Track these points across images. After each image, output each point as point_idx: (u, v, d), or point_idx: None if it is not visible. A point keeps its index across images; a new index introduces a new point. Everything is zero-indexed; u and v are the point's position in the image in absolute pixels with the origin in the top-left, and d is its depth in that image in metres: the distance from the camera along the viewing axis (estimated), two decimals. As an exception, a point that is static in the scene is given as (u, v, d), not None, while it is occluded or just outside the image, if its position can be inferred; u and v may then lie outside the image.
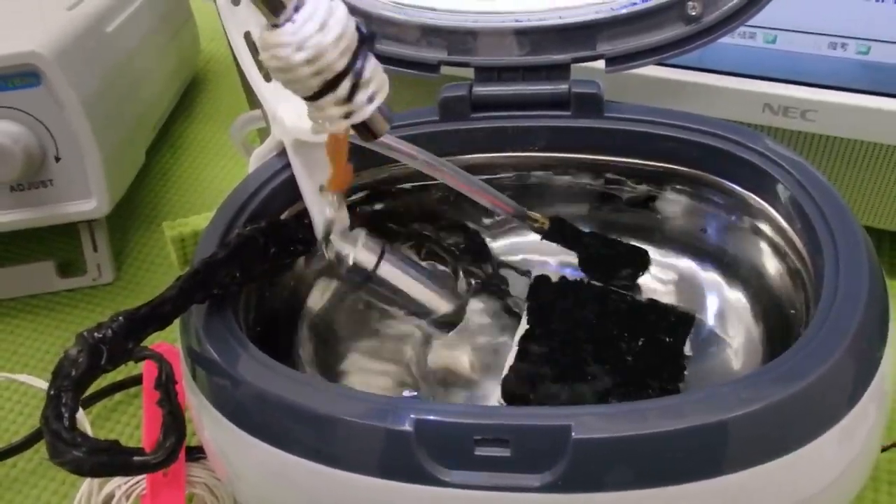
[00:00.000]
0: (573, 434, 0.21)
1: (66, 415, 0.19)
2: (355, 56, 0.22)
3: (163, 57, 0.55)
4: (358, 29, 0.22)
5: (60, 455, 0.18)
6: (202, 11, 0.61)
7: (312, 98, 0.22)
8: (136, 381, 0.40)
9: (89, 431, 0.36)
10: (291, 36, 0.21)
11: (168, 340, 0.36)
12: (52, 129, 0.40)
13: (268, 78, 0.30)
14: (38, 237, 0.48)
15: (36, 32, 0.40)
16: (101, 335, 0.21)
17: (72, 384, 0.19)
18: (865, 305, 0.24)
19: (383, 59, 0.26)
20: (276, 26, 0.21)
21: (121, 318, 0.21)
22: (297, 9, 0.21)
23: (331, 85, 0.21)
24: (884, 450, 0.31)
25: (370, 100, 0.22)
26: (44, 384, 0.37)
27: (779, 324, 0.30)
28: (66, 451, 0.18)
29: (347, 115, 0.22)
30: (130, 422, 0.39)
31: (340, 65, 0.21)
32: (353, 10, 0.23)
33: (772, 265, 0.30)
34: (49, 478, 0.37)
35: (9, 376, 0.36)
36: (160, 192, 0.54)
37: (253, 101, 0.34)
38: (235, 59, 0.31)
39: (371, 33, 0.22)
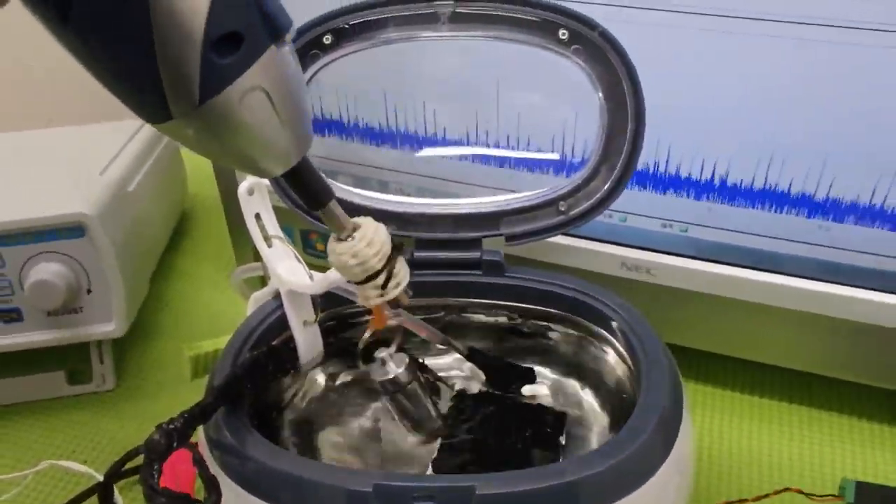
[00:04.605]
0: (476, 491, 0.31)
1: (156, 476, 0.29)
2: (390, 259, 0.34)
3: (162, 201, 0.65)
4: (392, 241, 0.34)
5: (154, 501, 0.28)
6: (189, 158, 0.72)
7: (359, 283, 0.34)
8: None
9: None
10: (351, 250, 0.33)
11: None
12: (87, 268, 0.49)
13: (269, 244, 0.42)
14: (48, 348, 0.52)
15: (82, 196, 0.49)
16: (172, 427, 0.31)
17: (157, 457, 0.30)
18: (666, 402, 0.35)
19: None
20: (340, 240, 0.33)
21: (184, 416, 0.32)
22: (354, 229, 0.33)
23: (372, 277, 0.34)
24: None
25: (397, 286, 0.34)
26: (82, 468, 0.45)
27: (621, 414, 0.40)
28: (158, 498, 0.28)
29: (382, 296, 0.35)
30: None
31: (379, 266, 0.33)
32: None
33: (615, 375, 0.42)
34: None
35: (55, 463, 0.44)
36: (155, 312, 0.62)
37: (240, 255, 0.44)
38: (249, 231, 0.42)
39: (400, 243, 0.34)
